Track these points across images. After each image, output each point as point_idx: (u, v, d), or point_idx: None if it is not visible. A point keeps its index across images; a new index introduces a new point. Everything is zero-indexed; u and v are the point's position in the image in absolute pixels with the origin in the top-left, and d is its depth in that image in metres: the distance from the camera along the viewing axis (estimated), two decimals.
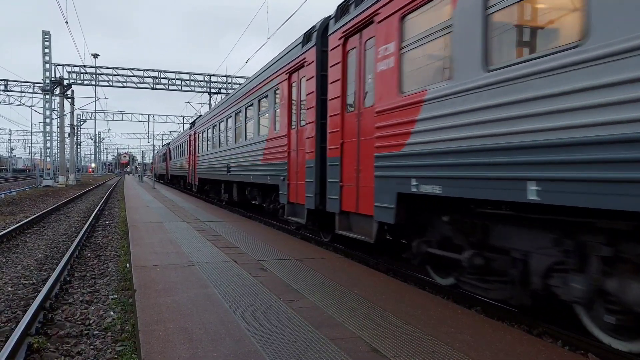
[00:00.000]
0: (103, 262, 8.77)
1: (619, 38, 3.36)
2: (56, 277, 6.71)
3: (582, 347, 4.40)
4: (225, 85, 40.52)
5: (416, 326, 4.17)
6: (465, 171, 4.93)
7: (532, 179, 4.07)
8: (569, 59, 3.74)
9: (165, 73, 39.36)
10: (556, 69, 3.86)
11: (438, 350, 3.63)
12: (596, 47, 3.52)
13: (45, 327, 5.05)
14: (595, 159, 3.54)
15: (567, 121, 3.74)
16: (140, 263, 6.75)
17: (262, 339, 3.78)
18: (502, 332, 4.10)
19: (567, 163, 3.74)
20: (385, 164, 6.42)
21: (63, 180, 39.35)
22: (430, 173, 5.48)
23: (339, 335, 3.90)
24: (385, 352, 3.57)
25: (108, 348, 4.52)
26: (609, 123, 3.44)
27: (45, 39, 35.93)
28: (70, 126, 45.36)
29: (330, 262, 7.03)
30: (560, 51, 3.85)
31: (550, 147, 3.88)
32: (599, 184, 3.51)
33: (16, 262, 8.68)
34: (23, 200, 22.93)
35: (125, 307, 5.73)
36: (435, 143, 5.37)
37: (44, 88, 36.81)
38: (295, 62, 9.92)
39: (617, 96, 3.38)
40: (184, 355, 3.45)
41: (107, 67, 38.33)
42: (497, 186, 4.49)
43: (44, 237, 11.81)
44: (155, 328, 4.01)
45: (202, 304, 4.74)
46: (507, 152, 4.34)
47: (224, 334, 3.89)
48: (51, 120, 37.55)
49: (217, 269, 6.42)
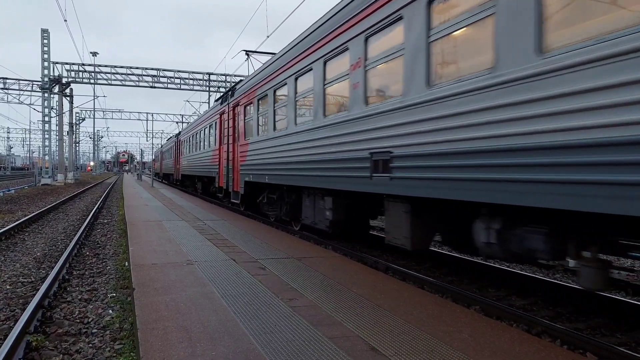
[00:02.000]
0: (102, 260, 8.76)
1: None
2: (55, 276, 6.70)
3: (580, 346, 4.41)
4: (224, 84, 40.48)
5: (415, 325, 4.17)
6: (256, 171, 12.25)
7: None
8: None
9: (164, 72, 39.31)
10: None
11: (437, 349, 3.63)
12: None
13: (43, 325, 5.05)
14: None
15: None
16: (139, 261, 6.74)
17: (261, 338, 3.78)
18: (501, 331, 4.10)
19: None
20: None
21: (62, 179, 39.31)
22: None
23: (337, 334, 3.90)
24: (384, 350, 3.57)
25: (107, 346, 4.52)
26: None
27: (44, 37, 35.86)
28: (69, 124, 45.32)
29: (329, 261, 7.03)
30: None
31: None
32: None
33: (15, 260, 8.67)
34: (22, 198, 22.92)
35: (124, 306, 5.73)
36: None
37: (42, 86, 36.73)
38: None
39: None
40: (183, 354, 3.45)
41: (106, 66, 38.27)
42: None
43: (42, 235, 11.80)
44: (154, 326, 4.01)
45: (201, 302, 4.74)
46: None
47: (222, 332, 3.89)
48: (50, 119, 37.47)
49: (216, 267, 6.42)
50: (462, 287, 6.67)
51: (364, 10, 6.85)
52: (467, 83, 4.87)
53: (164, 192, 25.80)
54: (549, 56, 3.95)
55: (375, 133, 6.63)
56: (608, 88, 3.47)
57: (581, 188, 3.67)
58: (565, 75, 3.80)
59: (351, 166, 7.31)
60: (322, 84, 8.39)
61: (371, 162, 6.72)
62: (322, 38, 8.38)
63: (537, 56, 4.05)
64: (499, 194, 4.46)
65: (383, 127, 6.43)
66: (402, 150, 5.97)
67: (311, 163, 8.82)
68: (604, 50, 3.50)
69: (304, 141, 9.18)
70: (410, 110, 5.82)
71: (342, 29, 7.55)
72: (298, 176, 9.50)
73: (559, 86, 3.85)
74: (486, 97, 4.61)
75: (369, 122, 6.80)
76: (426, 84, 5.53)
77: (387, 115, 6.34)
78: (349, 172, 7.37)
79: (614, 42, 3.44)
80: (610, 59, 3.45)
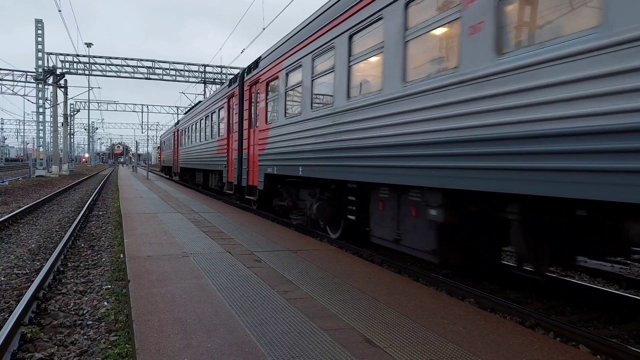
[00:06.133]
0: (97, 252, 8.75)
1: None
2: (49, 267, 6.69)
3: (573, 339, 4.44)
4: (220, 76, 40.29)
5: (409, 317, 4.19)
6: (282, 162, 10.21)
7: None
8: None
9: (159, 63, 39.05)
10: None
11: (431, 340, 3.66)
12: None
13: (38, 317, 5.04)
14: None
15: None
16: (134, 253, 6.73)
17: (256, 330, 3.79)
18: (495, 323, 4.13)
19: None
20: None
21: (56, 170, 39.10)
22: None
23: (332, 326, 3.91)
24: (379, 342, 3.59)
25: (102, 338, 4.52)
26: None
27: (38, 27, 35.53)
28: (64, 116, 45.06)
29: (325, 254, 7.04)
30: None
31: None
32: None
33: (9, 252, 8.64)
34: (16, 190, 22.80)
35: (119, 298, 5.72)
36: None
37: (36, 77, 36.44)
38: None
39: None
40: (178, 346, 3.45)
41: (101, 57, 37.98)
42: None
43: (37, 227, 11.76)
44: (149, 318, 4.01)
45: (197, 294, 4.74)
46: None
47: (218, 324, 3.90)
48: (44, 110, 37.21)
49: (212, 260, 6.42)
50: (456, 279, 6.70)
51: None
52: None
53: (160, 185, 25.73)
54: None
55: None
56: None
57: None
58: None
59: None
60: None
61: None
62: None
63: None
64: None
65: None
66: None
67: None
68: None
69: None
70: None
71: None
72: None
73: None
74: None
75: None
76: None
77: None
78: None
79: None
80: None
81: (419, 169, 5.53)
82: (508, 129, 4.28)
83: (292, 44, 9.70)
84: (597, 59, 3.52)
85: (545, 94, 3.90)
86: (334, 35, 7.69)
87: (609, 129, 3.43)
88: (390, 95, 6.14)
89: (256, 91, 12.48)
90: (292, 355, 3.32)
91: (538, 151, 3.98)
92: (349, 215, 8.10)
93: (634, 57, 3.27)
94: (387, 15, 6.24)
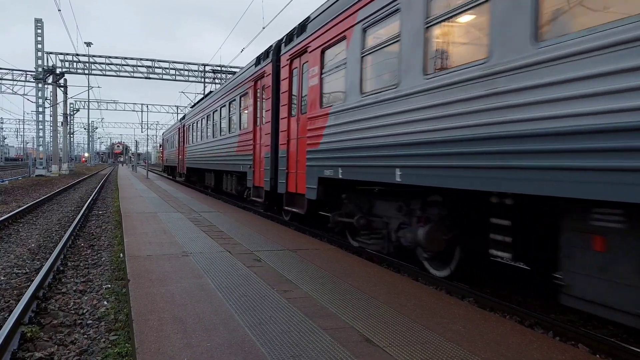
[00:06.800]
0: (96, 251, 8.75)
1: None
2: (49, 267, 6.69)
3: (573, 338, 4.45)
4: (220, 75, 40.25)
5: (409, 316, 4.20)
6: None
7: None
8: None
9: (159, 62, 39.04)
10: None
11: (430, 340, 3.66)
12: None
13: (38, 316, 5.05)
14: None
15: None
16: (134, 253, 6.74)
17: (256, 329, 3.79)
18: (494, 323, 4.13)
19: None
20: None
21: (56, 170, 39.09)
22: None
23: (332, 325, 3.92)
24: (378, 341, 3.60)
25: (102, 337, 4.52)
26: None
27: (38, 26, 35.51)
28: (63, 115, 45.01)
29: (324, 253, 7.05)
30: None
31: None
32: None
33: (9, 251, 8.64)
34: (15, 189, 22.79)
35: (119, 297, 5.73)
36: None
37: (36, 76, 36.41)
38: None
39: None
40: (178, 345, 3.46)
41: (101, 56, 37.96)
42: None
43: (37, 226, 11.76)
44: (149, 318, 4.02)
45: (196, 294, 4.75)
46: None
47: (217, 323, 3.90)
48: (44, 109, 37.18)
49: (211, 259, 6.42)
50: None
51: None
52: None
53: (159, 184, 25.73)
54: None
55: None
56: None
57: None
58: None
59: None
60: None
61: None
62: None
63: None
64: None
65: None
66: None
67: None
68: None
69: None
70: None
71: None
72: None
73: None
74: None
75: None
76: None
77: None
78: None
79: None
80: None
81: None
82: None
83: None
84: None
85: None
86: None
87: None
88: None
89: (302, 65, 9.49)
90: (292, 355, 3.33)
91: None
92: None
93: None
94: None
